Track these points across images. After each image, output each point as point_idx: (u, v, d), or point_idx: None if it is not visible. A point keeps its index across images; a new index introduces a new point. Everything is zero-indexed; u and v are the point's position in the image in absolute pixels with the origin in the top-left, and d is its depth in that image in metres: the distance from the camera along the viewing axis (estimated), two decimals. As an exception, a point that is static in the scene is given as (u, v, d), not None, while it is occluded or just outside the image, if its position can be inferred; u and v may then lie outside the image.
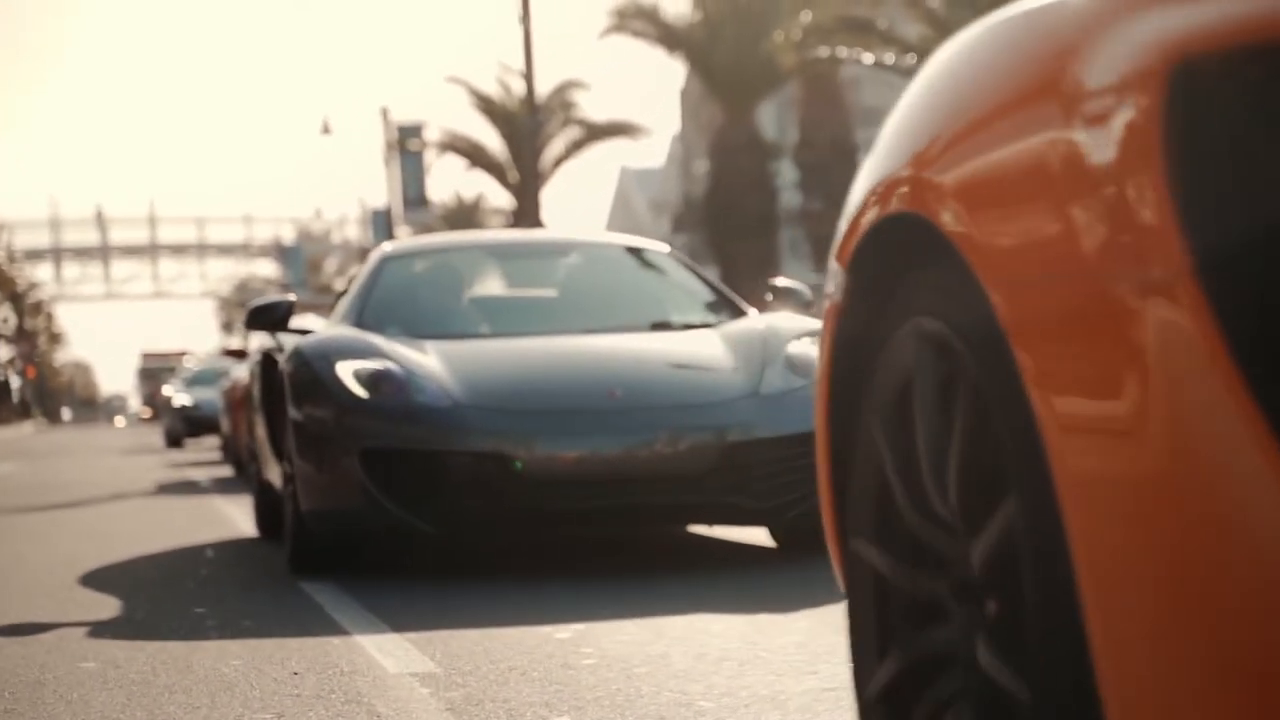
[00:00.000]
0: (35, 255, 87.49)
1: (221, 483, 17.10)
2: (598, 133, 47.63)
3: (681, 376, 7.41)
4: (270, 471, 8.86)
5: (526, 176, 37.43)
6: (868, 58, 32.60)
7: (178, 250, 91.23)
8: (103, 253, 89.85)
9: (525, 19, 29.92)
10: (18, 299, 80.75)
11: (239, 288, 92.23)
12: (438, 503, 7.06)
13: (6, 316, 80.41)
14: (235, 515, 11.71)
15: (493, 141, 49.09)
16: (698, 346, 7.74)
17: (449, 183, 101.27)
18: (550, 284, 9.09)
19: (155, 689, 4.75)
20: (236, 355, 18.35)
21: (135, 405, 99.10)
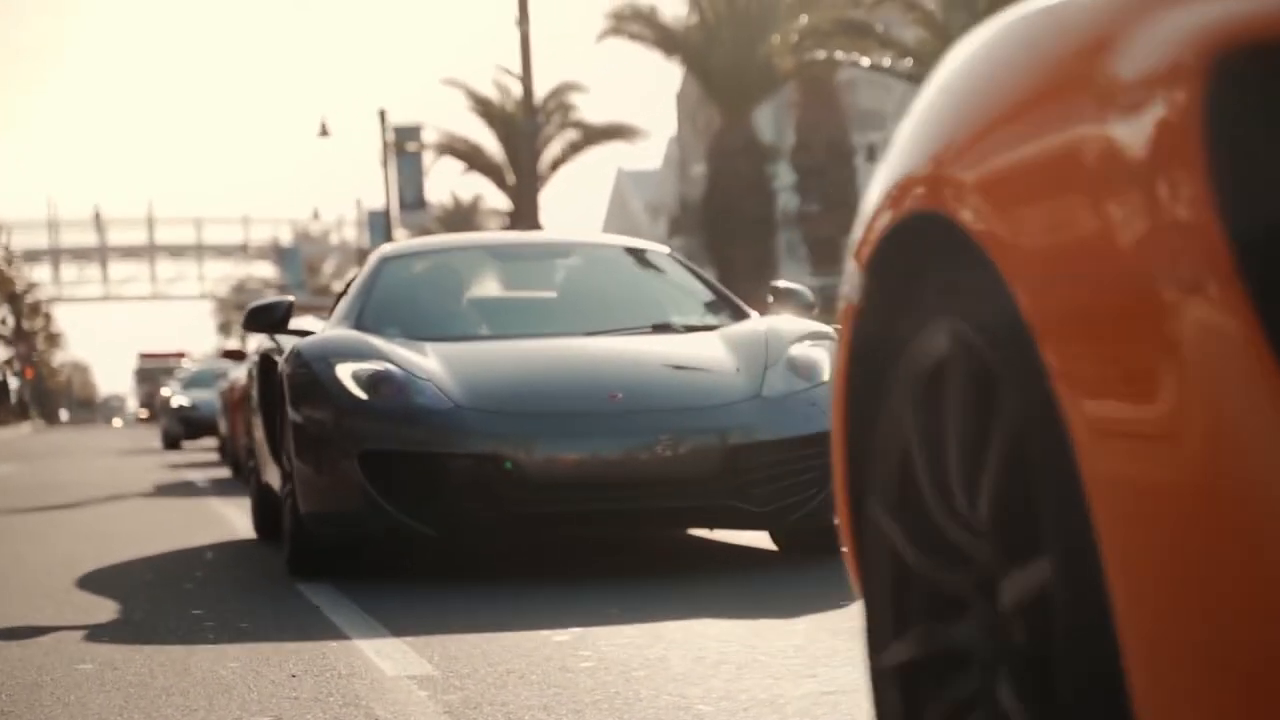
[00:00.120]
0: (33, 256, 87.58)
1: (219, 484, 17.09)
2: (595, 135, 47.69)
3: (683, 379, 7.36)
4: (268, 473, 8.83)
5: (524, 179, 37.41)
6: (865, 61, 32.60)
7: (175, 251, 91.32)
8: (101, 254, 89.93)
9: (523, 21, 29.90)
10: (16, 300, 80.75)
11: (236, 289, 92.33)
12: (437, 505, 7.02)
13: (5, 317, 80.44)
14: (233, 517, 11.69)
15: (490, 144, 49.18)
16: (699, 349, 7.69)
17: (446, 185, 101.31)
18: (550, 285, 9.06)
19: (153, 691, 4.74)
20: (235, 356, 18.35)
21: (133, 406, 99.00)
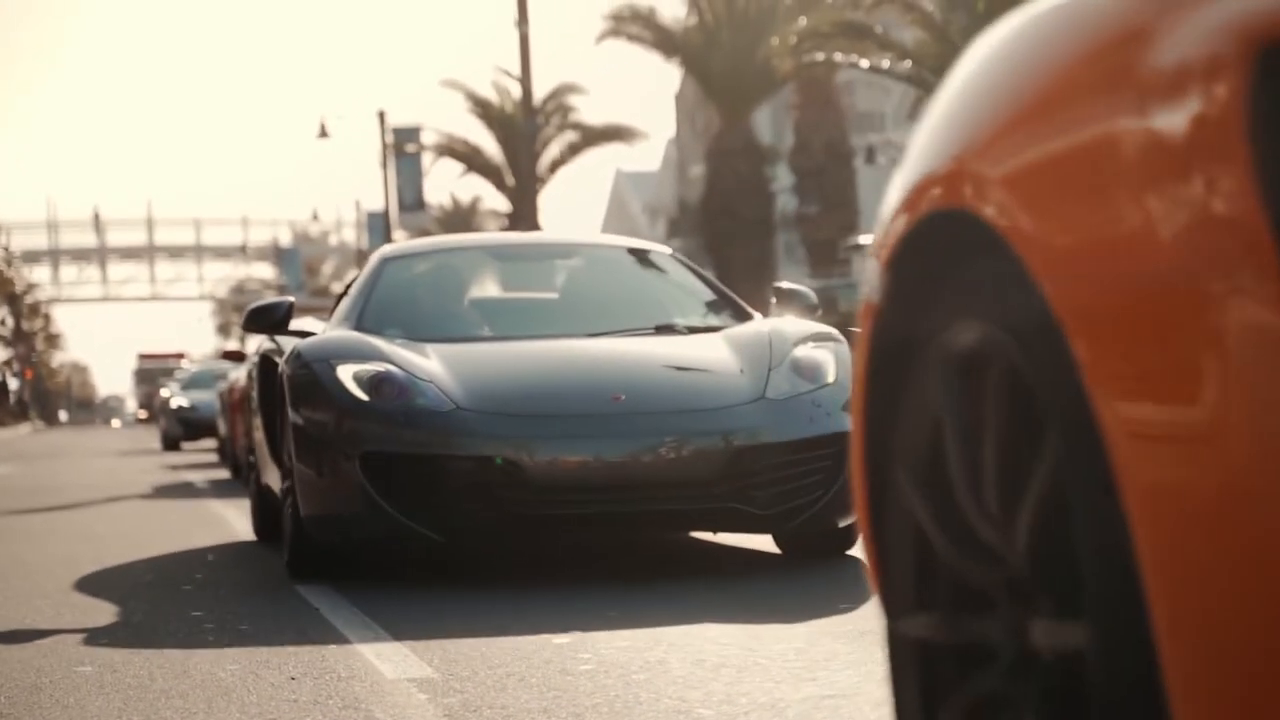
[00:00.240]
0: (32, 257, 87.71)
1: (219, 485, 17.07)
2: (594, 137, 47.72)
3: (686, 380, 7.31)
4: (268, 475, 8.80)
5: (523, 180, 37.44)
6: (863, 63, 32.59)
7: (175, 252, 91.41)
8: (100, 254, 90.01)
9: (522, 23, 29.92)
10: (15, 300, 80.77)
11: (236, 290, 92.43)
12: (439, 507, 6.98)
13: (4, 318, 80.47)
14: (232, 518, 11.67)
15: (489, 145, 49.22)
16: (702, 350, 7.64)
17: (445, 186, 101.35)
18: (552, 286, 9.01)
19: (152, 693, 4.72)
20: (234, 357, 18.32)
21: (132, 407, 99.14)
